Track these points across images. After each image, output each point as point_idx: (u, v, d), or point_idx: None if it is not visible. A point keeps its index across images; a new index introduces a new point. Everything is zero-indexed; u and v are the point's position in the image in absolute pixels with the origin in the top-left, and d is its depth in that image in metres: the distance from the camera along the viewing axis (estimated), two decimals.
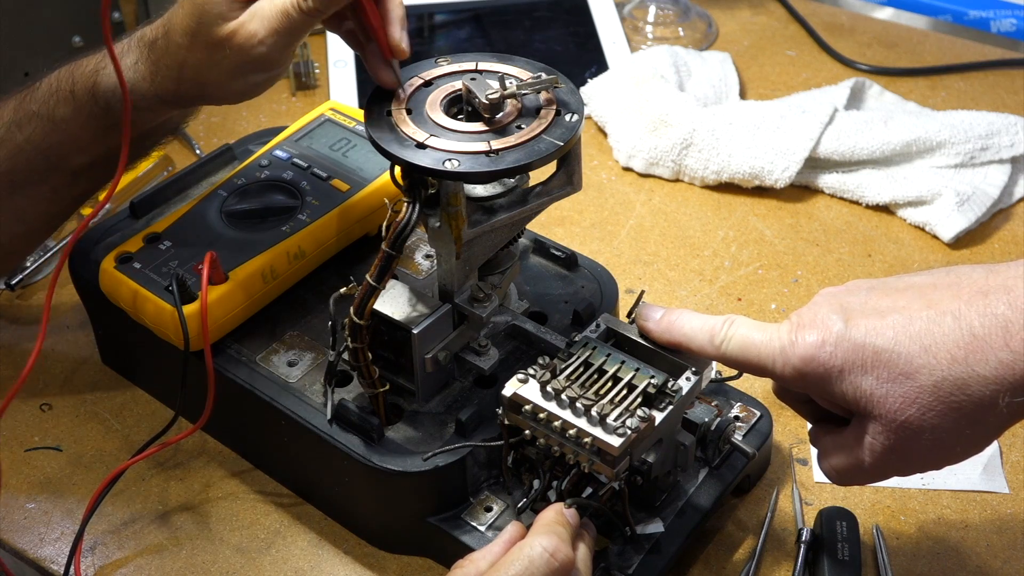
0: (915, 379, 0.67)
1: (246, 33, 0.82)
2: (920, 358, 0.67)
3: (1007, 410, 0.66)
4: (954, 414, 0.67)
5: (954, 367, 0.66)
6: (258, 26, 0.82)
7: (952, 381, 0.66)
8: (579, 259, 0.99)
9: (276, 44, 0.82)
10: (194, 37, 0.83)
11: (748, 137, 1.21)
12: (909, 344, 0.67)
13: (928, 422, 0.67)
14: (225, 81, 0.85)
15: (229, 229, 0.96)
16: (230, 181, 1.00)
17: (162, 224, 0.97)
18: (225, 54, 0.83)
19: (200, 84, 0.86)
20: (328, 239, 0.96)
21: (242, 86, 0.87)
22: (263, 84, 0.88)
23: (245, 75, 0.85)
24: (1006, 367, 0.65)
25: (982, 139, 1.21)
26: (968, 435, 0.68)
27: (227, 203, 0.98)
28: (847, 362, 0.69)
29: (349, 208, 0.97)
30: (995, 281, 0.68)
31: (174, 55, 0.85)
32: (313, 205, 0.97)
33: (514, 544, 0.75)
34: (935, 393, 0.67)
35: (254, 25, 0.82)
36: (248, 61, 0.83)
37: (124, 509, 0.92)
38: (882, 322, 0.69)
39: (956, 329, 0.67)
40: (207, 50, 0.83)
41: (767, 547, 0.89)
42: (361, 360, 0.83)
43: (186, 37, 0.84)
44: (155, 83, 0.87)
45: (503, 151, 0.78)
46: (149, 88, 0.87)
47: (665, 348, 0.80)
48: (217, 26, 0.82)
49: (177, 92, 0.87)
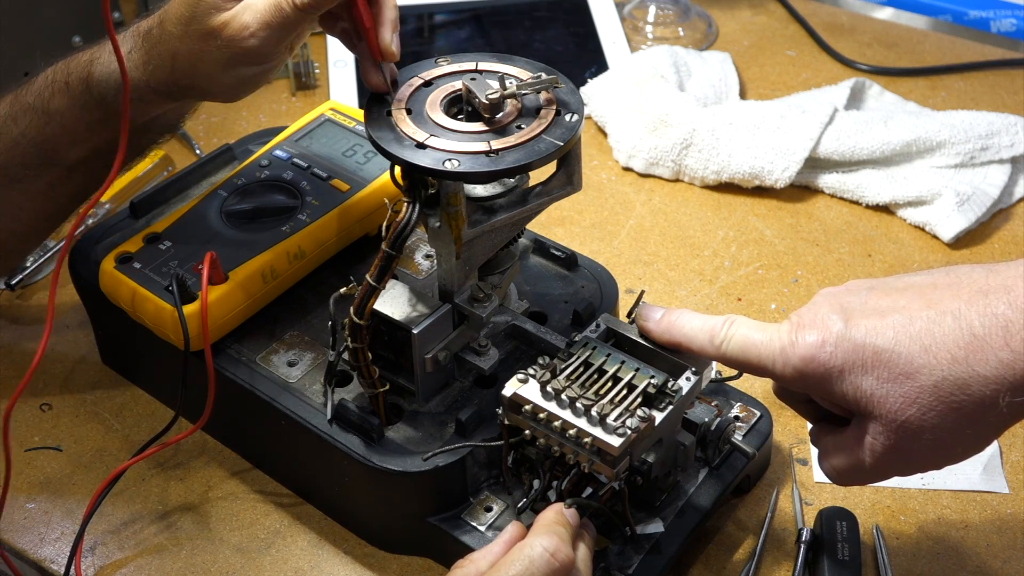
0: (915, 379, 0.67)
1: (238, 25, 0.82)
2: (920, 358, 0.67)
3: (1007, 410, 0.66)
4: (954, 414, 0.67)
5: (954, 367, 0.66)
6: (251, 18, 0.82)
7: (952, 381, 0.66)
8: (579, 259, 0.99)
9: (268, 38, 0.83)
10: (187, 26, 0.84)
11: (748, 137, 1.21)
12: (909, 344, 0.67)
13: (928, 422, 0.67)
14: (216, 73, 0.85)
15: (229, 229, 0.96)
16: (230, 181, 1.00)
17: (162, 224, 0.97)
18: (217, 44, 0.83)
19: (192, 74, 0.86)
20: (328, 239, 0.96)
21: (233, 79, 0.87)
22: (255, 79, 0.87)
23: (236, 67, 0.85)
24: (1006, 367, 0.65)
25: (982, 139, 1.21)
26: (969, 435, 0.68)
27: (227, 203, 0.98)
28: (847, 362, 0.69)
29: (349, 208, 0.97)
30: (995, 281, 0.68)
31: (167, 44, 0.85)
32: (313, 205, 0.97)
33: (514, 544, 0.75)
34: (935, 393, 0.67)
35: (247, 17, 0.82)
36: (239, 53, 0.83)
37: (124, 509, 0.92)
38: (882, 322, 0.69)
39: (956, 329, 0.67)
40: (199, 40, 0.84)
41: (767, 547, 0.89)
42: (361, 360, 0.83)
43: (179, 26, 0.84)
44: (148, 72, 0.87)
45: (503, 151, 0.78)
46: (141, 77, 0.88)
47: (665, 348, 0.80)
48: (210, 16, 0.83)
49: (169, 82, 0.87)
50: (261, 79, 0.88)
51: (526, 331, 0.87)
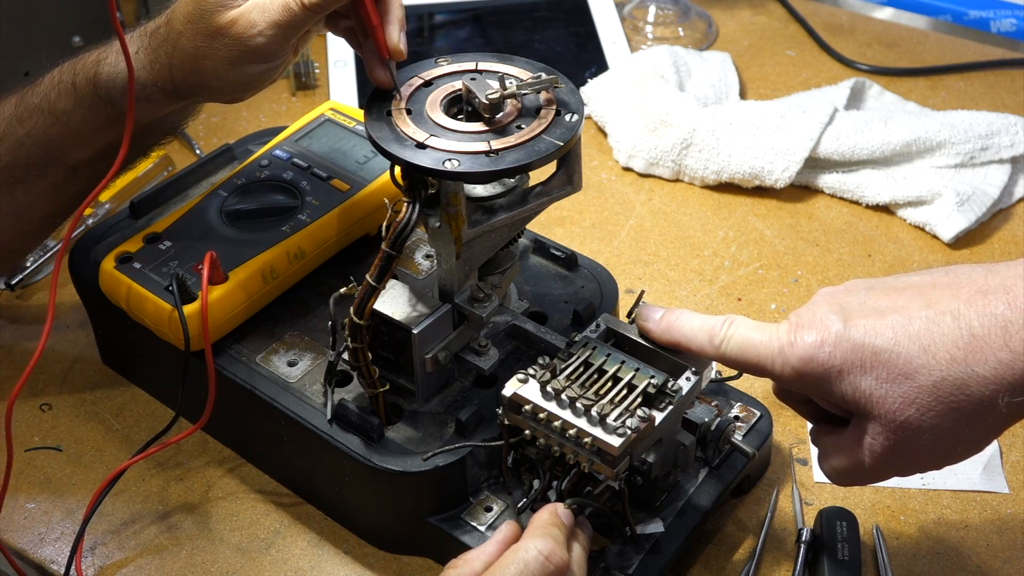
0: (914, 379, 0.67)
1: (246, 22, 0.82)
2: (919, 358, 0.67)
3: (1007, 410, 0.66)
4: (953, 414, 0.67)
5: (953, 367, 0.66)
6: (258, 16, 0.82)
7: (951, 381, 0.66)
8: (579, 259, 0.99)
9: (275, 36, 0.83)
10: (194, 24, 0.84)
11: (748, 137, 1.21)
12: (908, 344, 0.67)
13: (928, 422, 0.67)
14: (223, 71, 0.85)
15: (229, 229, 0.96)
16: (230, 181, 1.00)
17: (162, 224, 0.97)
18: (224, 42, 0.83)
19: (198, 72, 0.86)
20: (328, 239, 0.96)
21: (239, 77, 0.86)
22: (260, 77, 0.87)
23: (242, 65, 0.85)
24: (1005, 367, 0.65)
25: (982, 139, 1.21)
26: (968, 435, 0.68)
27: (227, 203, 0.98)
28: (846, 362, 0.69)
29: (349, 208, 0.97)
30: (994, 281, 0.68)
31: (174, 42, 0.85)
32: (313, 205, 0.97)
33: (509, 545, 0.75)
34: (934, 393, 0.67)
35: (254, 15, 0.82)
36: (246, 51, 0.83)
37: (124, 509, 0.92)
38: (881, 322, 0.69)
39: (955, 329, 0.67)
40: (206, 37, 0.83)
41: (767, 547, 0.89)
42: (361, 360, 0.83)
43: (186, 24, 0.84)
44: (154, 71, 0.87)
45: (503, 151, 0.79)
46: (148, 76, 0.87)
47: (665, 348, 0.80)
48: (217, 14, 0.83)
49: (174, 80, 0.87)
50: (266, 78, 0.88)
51: (526, 331, 0.87)
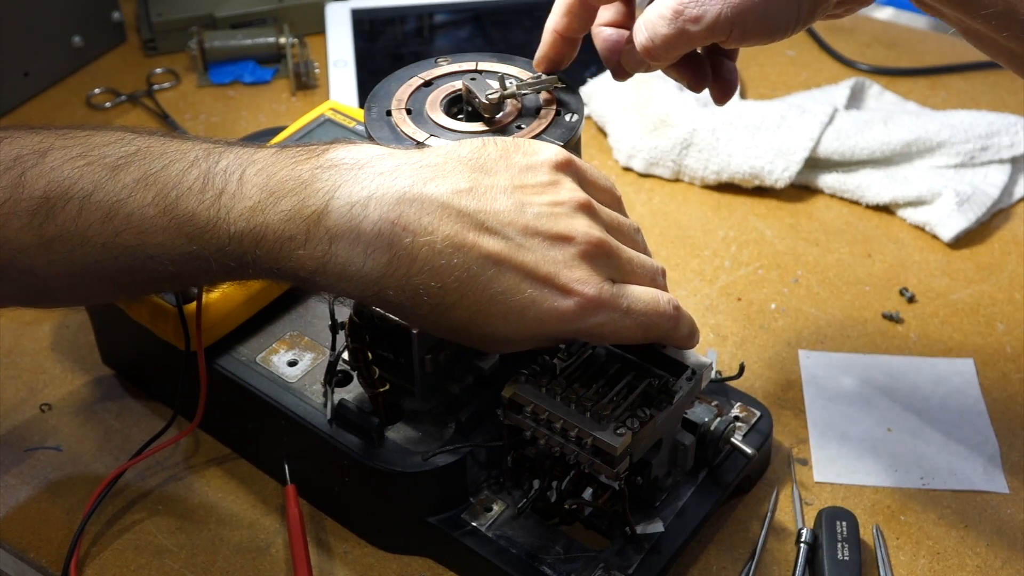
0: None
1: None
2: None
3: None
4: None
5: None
6: None
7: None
8: None
9: None
10: None
11: (748, 137, 1.21)
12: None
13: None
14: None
15: None
16: None
17: None
18: None
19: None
20: None
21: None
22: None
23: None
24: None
25: (982, 139, 1.21)
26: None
27: None
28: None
29: None
30: None
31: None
32: None
33: None
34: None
35: None
36: None
37: (124, 509, 0.92)
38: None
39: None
40: None
41: (767, 547, 0.89)
42: (361, 360, 0.83)
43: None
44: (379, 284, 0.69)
45: None
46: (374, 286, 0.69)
47: (665, 348, 0.80)
48: None
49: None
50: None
51: None
